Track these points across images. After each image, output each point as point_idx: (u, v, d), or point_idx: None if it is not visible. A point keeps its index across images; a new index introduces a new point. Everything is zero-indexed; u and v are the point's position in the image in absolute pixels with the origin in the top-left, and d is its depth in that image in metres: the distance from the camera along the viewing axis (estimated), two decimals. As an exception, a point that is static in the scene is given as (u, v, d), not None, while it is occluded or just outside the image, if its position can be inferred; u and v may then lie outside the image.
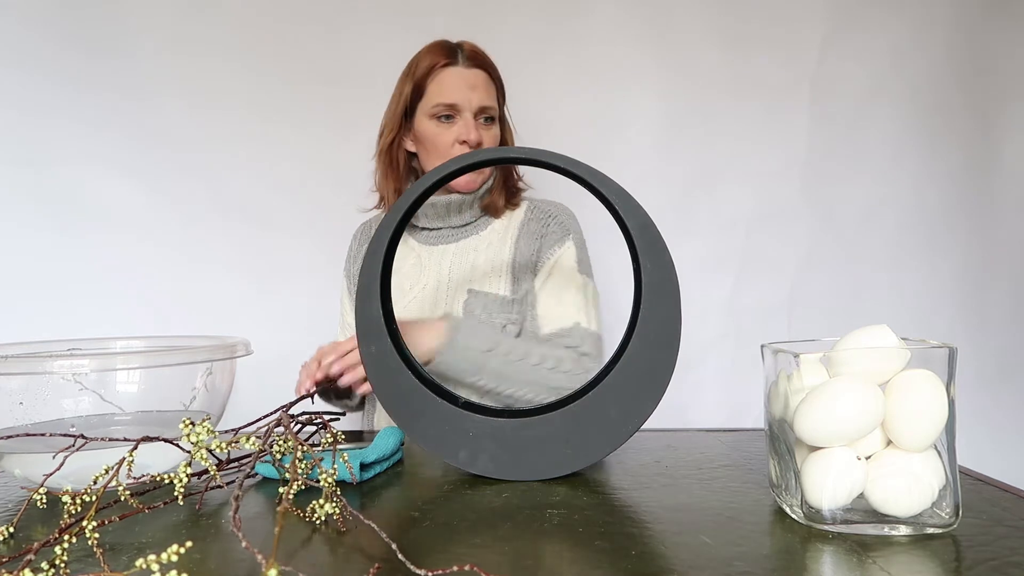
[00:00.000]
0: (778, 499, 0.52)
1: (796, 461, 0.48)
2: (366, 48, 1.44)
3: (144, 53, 1.40)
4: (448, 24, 1.40)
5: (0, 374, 0.59)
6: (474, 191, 1.10)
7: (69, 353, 0.71)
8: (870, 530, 0.46)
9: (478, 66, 1.06)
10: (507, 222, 1.12)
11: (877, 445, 0.47)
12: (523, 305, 1.07)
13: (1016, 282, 1.53)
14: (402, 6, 1.45)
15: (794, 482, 0.48)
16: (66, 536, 0.42)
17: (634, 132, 1.51)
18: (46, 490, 0.54)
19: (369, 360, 0.65)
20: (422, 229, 1.13)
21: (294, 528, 0.49)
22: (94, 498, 0.48)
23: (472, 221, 1.12)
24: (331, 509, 0.49)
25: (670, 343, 0.60)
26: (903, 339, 0.49)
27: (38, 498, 0.54)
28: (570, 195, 1.02)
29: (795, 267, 1.53)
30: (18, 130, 1.36)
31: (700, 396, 1.49)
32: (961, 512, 0.47)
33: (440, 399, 0.63)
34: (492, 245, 1.10)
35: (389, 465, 0.68)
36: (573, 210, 1.16)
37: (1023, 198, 1.53)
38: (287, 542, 0.46)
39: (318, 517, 0.49)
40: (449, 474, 0.64)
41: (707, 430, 0.82)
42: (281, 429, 0.59)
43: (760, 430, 0.77)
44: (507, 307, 1.05)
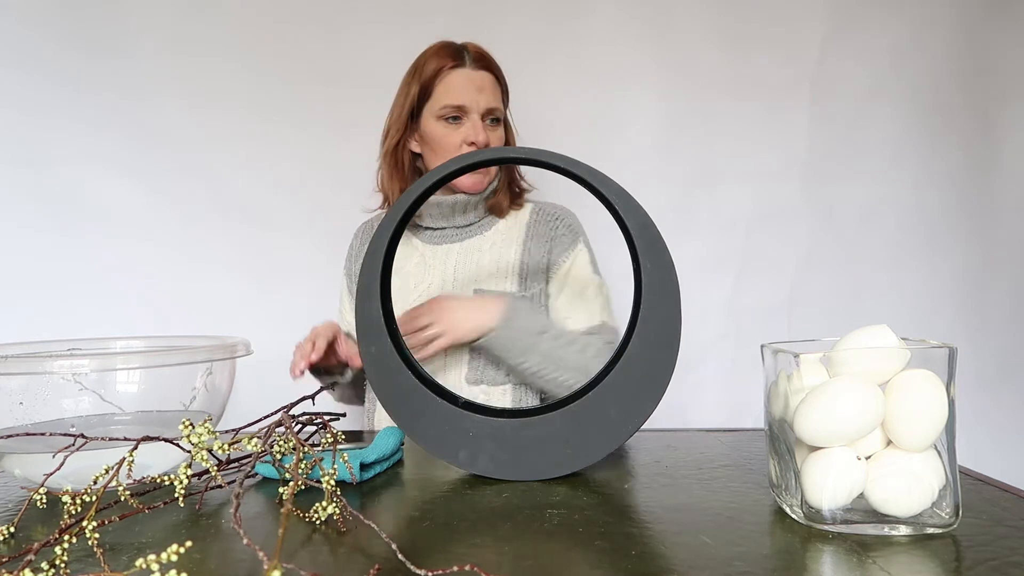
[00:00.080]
0: (778, 499, 0.52)
1: (796, 461, 0.48)
2: (366, 48, 1.45)
3: (144, 53, 1.40)
4: (448, 24, 1.40)
5: (0, 374, 0.59)
6: (480, 192, 1.10)
7: (69, 353, 0.71)
8: (870, 530, 0.46)
9: (484, 68, 1.08)
10: (512, 223, 1.13)
11: (877, 445, 0.47)
12: (533, 302, 1.08)
13: (1016, 282, 1.53)
14: (402, 6, 1.45)
15: (794, 482, 0.48)
16: (66, 536, 0.42)
17: (634, 132, 1.51)
18: (46, 490, 0.54)
19: (369, 360, 0.65)
20: (426, 228, 1.14)
21: (294, 528, 0.49)
22: (94, 498, 0.48)
23: (476, 221, 1.13)
24: (331, 509, 0.49)
25: (670, 343, 0.60)
26: (903, 339, 0.49)
27: (38, 498, 0.54)
28: (570, 195, 1.03)
29: (795, 267, 1.53)
30: (18, 130, 1.36)
31: (700, 396, 1.49)
32: (961, 512, 0.47)
33: (440, 399, 0.63)
34: (496, 245, 1.11)
35: (389, 465, 0.68)
36: (573, 210, 1.17)
37: (1023, 198, 1.53)
38: (287, 542, 0.46)
39: (319, 518, 0.49)
40: (449, 474, 0.64)
41: (707, 430, 0.82)
42: (282, 429, 0.59)
43: (760, 430, 0.77)
44: None
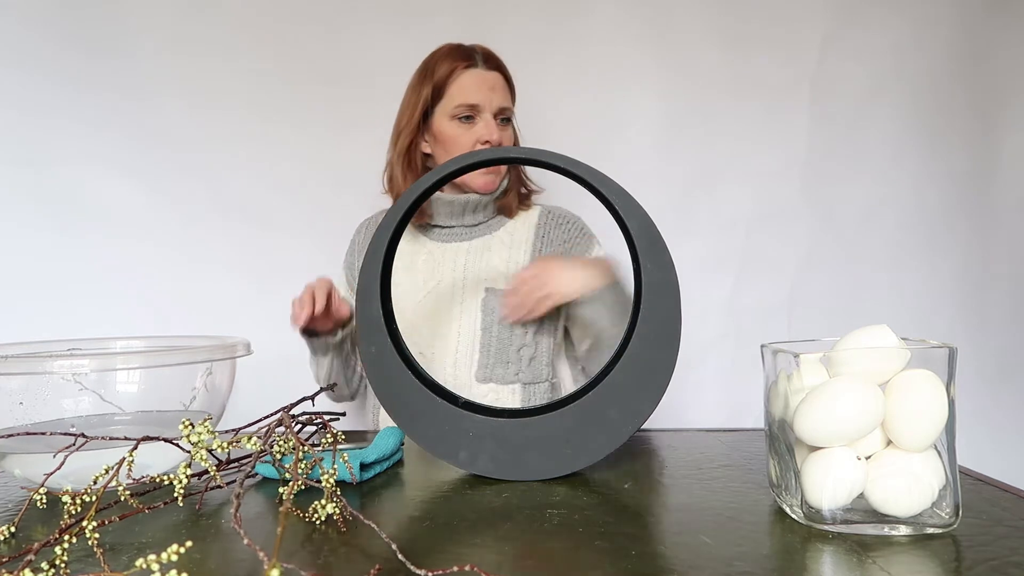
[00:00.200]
0: (778, 499, 0.52)
1: (796, 461, 0.48)
2: (366, 48, 1.45)
3: (144, 53, 1.40)
4: (448, 24, 1.40)
5: (0, 374, 0.59)
6: (492, 192, 1.11)
7: (69, 353, 0.71)
8: (870, 530, 0.46)
9: (495, 68, 1.09)
10: (520, 224, 1.14)
11: (877, 445, 0.47)
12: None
13: (1016, 282, 1.53)
14: (402, 6, 1.45)
15: (794, 482, 0.48)
16: (66, 536, 0.42)
17: (634, 132, 1.51)
18: (46, 490, 0.54)
19: (369, 360, 0.65)
20: (434, 227, 1.14)
21: (294, 528, 0.49)
22: (94, 498, 0.48)
23: (485, 221, 1.14)
24: (331, 509, 0.49)
25: (670, 343, 0.60)
26: (903, 339, 0.49)
27: (38, 498, 0.54)
28: (570, 195, 1.03)
29: (795, 267, 1.53)
30: (18, 130, 1.36)
31: (700, 396, 1.49)
32: (961, 512, 0.47)
33: (440, 399, 0.63)
34: (506, 245, 1.12)
35: (389, 465, 0.68)
36: (574, 210, 1.18)
37: (1023, 198, 1.53)
38: (287, 542, 0.46)
39: (319, 517, 0.49)
40: (449, 474, 0.64)
41: (707, 430, 0.82)
42: (282, 429, 0.59)
43: (760, 430, 0.77)
44: None
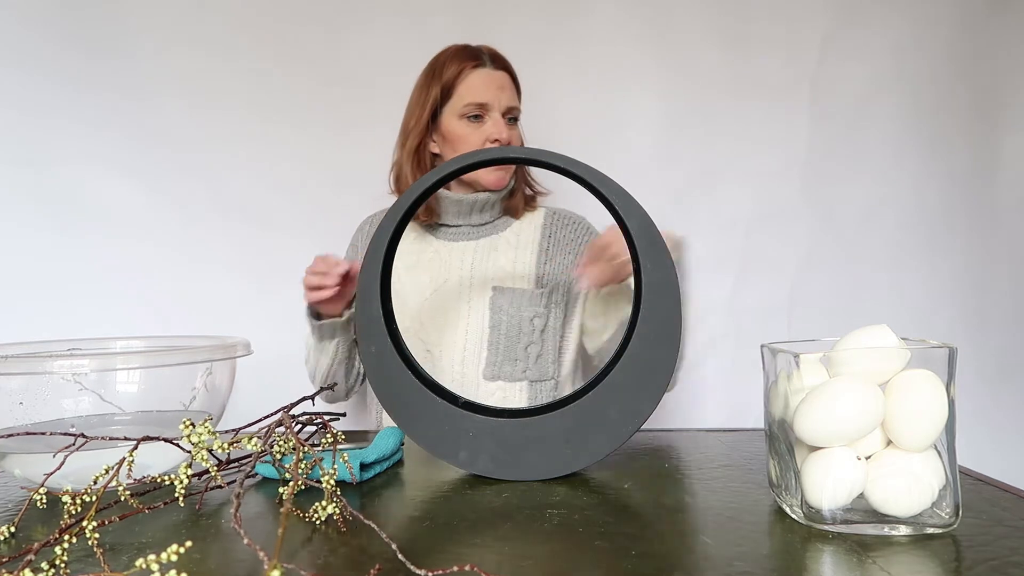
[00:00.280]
0: (778, 499, 0.52)
1: (796, 461, 0.48)
2: (366, 48, 1.44)
3: (144, 53, 1.39)
4: (448, 24, 1.40)
5: (0, 374, 0.59)
6: (502, 188, 1.12)
7: (69, 353, 0.71)
8: (870, 530, 0.46)
9: (502, 68, 1.10)
10: (526, 224, 1.15)
11: (877, 445, 0.47)
12: (550, 300, 1.10)
13: (1016, 282, 1.52)
14: (402, 6, 1.45)
15: (794, 482, 0.48)
16: (66, 536, 0.42)
17: (634, 132, 1.50)
18: (46, 490, 0.54)
19: (369, 360, 0.65)
20: (441, 226, 1.14)
21: (294, 528, 0.49)
22: (94, 498, 0.48)
23: (491, 220, 1.15)
24: (331, 509, 0.49)
25: (670, 343, 0.60)
26: (903, 339, 0.49)
27: (38, 498, 0.54)
28: (570, 195, 1.03)
29: (795, 267, 1.53)
30: (18, 130, 1.35)
31: (700, 396, 1.49)
32: (961, 512, 0.47)
33: (440, 399, 0.63)
34: (512, 245, 1.13)
35: (389, 465, 0.68)
36: (574, 210, 1.18)
37: (1023, 198, 1.53)
38: (287, 542, 0.46)
39: (319, 518, 0.49)
40: (449, 474, 0.64)
41: (707, 430, 0.82)
42: (282, 429, 0.59)
43: (760, 430, 0.77)
44: (536, 301, 1.08)
